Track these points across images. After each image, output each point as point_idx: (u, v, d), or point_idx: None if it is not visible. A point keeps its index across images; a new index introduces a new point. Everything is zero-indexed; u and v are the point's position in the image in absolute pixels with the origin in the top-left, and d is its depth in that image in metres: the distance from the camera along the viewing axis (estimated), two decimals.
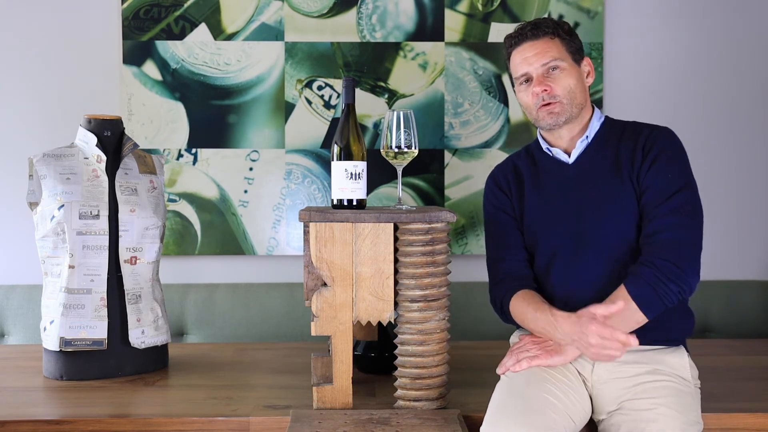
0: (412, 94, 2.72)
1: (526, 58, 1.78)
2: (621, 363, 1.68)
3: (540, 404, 1.58)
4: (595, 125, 1.82)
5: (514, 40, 1.81)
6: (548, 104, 1.76)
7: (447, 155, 2.73)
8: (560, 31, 1.79)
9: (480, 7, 2.71)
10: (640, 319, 1.64)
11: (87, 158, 2.06)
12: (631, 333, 1.58)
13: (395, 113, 1.80)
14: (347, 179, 1.79)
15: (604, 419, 1.66)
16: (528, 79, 1.79)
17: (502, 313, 1.85)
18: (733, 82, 2.78)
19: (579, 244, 1.76)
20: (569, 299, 1.74)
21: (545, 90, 1.76)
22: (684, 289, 1.65)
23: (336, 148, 1.80)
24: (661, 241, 1.66)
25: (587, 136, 1.81)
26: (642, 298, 1.63)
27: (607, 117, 1.87)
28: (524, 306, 1.75)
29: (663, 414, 1.55)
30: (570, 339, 1.63)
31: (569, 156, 1.82)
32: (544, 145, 1.86)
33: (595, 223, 1.75)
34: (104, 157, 2.04)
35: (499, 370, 1.73)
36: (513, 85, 1.88)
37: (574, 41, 1.80)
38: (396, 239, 1.75)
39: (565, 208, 1.79)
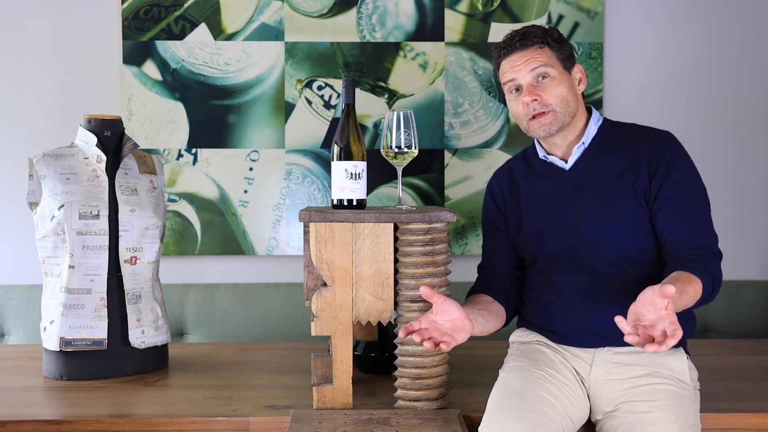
0: (412, 94, 2.72)
1: (514, 66, 1.75)
2: (619, 365, 1.68)
3: (537, 403, 1.58)
4: (592, 129, 1.80)
5: (503, 51, 1.78)
6: (541, 114, 1.73)
7: (447, 155, 2.73)
8: (549, 39, 1.76)
9: (480, 7, 2.71)
10: (689, 302, 1.55)
11: (87, 158, 2.06)
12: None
13: (395, 113, 1.80)
14: (347, 179, 1.78)
15: (600, 420, 1.66)
16: (517, 88, 1.77)
17: None
18: (733, 82, 2.78)
19: (576, 251, 1.75)
20: (568, 305, 1.74)
21: (535, 99, 1.73)
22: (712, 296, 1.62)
23: (336, 148, 1.80)
24: (698, 253, 1.63)
25: (584, 142, 1.78)
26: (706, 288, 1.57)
27: (605, 120, 1.83)
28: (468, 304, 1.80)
29: (660, 417, 1.55)
30: None
31: (566, 162, 1.80)
32: (540, 153, 1.84)
33: (593, 230, 1.73)
34: (104, 157, 2.04)
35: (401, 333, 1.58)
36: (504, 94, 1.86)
37: (564, 48, 1.78)
38: (396, 239, 1.75)
39: (562, 215, 1.77)
